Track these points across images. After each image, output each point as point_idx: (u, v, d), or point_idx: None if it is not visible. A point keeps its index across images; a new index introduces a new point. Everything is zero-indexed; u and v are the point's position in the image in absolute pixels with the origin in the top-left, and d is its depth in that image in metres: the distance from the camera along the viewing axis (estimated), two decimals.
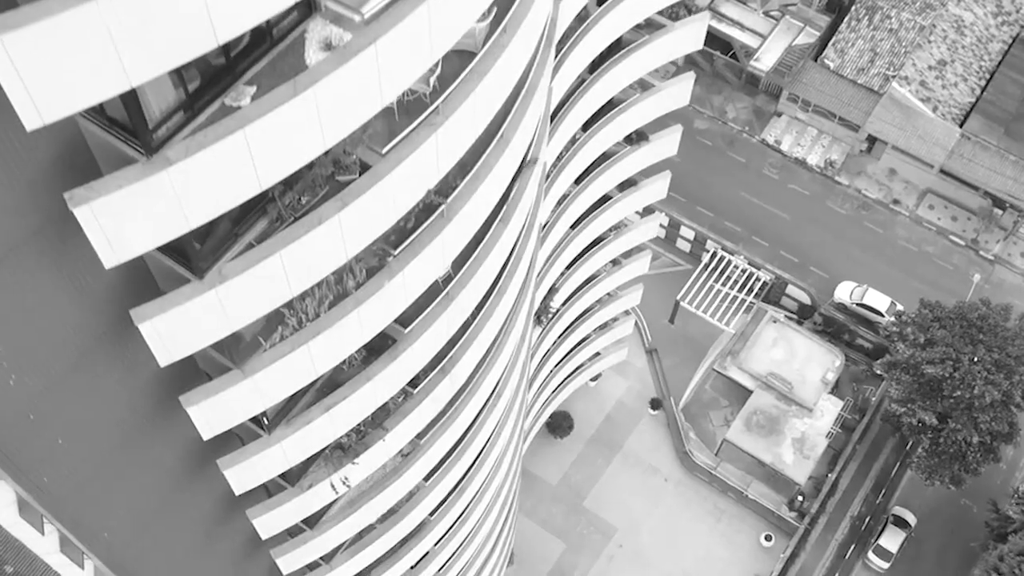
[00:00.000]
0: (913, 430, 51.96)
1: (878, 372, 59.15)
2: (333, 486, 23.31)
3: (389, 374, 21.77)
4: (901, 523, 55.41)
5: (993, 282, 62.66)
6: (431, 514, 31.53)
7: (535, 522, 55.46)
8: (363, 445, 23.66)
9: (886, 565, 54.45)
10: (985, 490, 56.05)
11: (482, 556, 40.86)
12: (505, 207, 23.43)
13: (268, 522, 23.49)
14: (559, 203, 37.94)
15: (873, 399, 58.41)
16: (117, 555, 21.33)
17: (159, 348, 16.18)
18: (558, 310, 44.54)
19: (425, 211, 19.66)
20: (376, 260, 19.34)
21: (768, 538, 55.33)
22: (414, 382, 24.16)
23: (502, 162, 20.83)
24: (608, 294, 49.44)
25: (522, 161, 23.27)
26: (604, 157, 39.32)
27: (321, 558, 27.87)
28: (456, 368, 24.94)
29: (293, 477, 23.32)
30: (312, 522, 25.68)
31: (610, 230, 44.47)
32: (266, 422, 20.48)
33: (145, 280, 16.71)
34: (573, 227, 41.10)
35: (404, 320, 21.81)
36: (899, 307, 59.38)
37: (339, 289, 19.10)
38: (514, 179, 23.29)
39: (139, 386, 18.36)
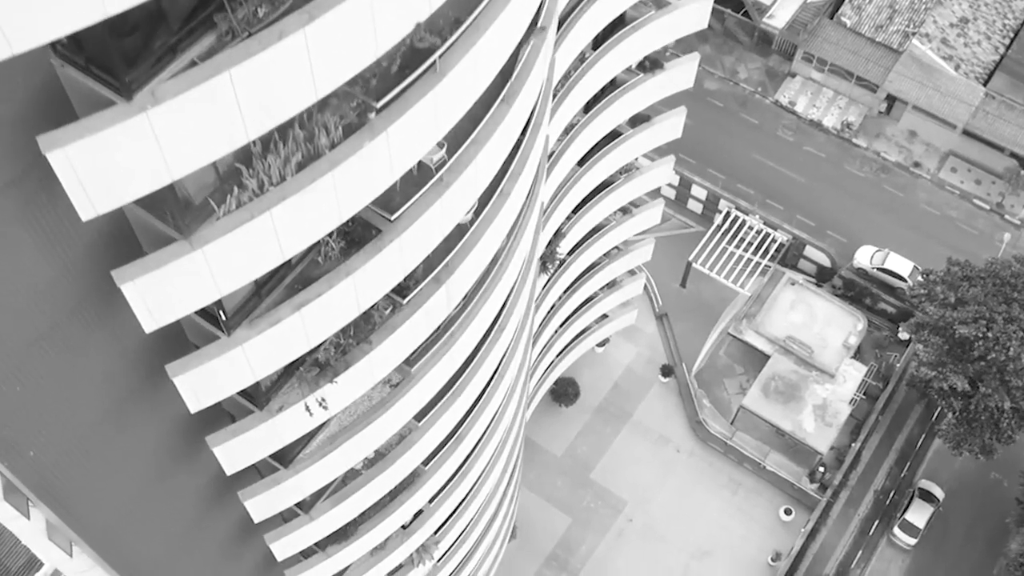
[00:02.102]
0: (942, 396, 48.57)
1: (902, 338, 55.89)
2: (308, 408, 19.92)
3: (372, 270, 18.41)
4: (928, 497, 52.06)
5: (1021, 247, 59.34)
6: (424, 463, 28.15)
7: (539, 495, 52.02)
8: (343, 363, 20.29)
9: (913, 541, 51.05)
10: (1016, 462, 52.71)
11: (482, 522, 37.46)
12: (509, 84, 20.09)
13: (233, 453, 20.10)
14: (566, 132, 34.70)
15: (898, 365, 55.04)
16: (48, 482, 17.95)
17: (77, 192, 12.83)
18: (565, 259, 41.30)
19: (413, 60, 16.30)
20: (355, 114, 15.98)
21: (788, 512, 51.90)
22: (403, 291, 20.82)
23: (506, 13, 17.47)
24: (617, 248, 46.15)
25: (529, 27, 19.93)
26: (614, 86, 36.09)
27: (298, 506, 24.49)
28: (452, 279, 21.60)
29: (261, 399, 19.97)
30: (286, 459, 22.30)
31: (620, 172, 41.22)
32: (223, 318, 17.10)
33: (61, 108, 13.35)
34: (581, 164, 37.89)
35: (390, 205, 18.49)
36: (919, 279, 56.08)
37: (310, 148, 15.75)
38: (519, 48, 19.95)
39: (66, 257, 15.00)
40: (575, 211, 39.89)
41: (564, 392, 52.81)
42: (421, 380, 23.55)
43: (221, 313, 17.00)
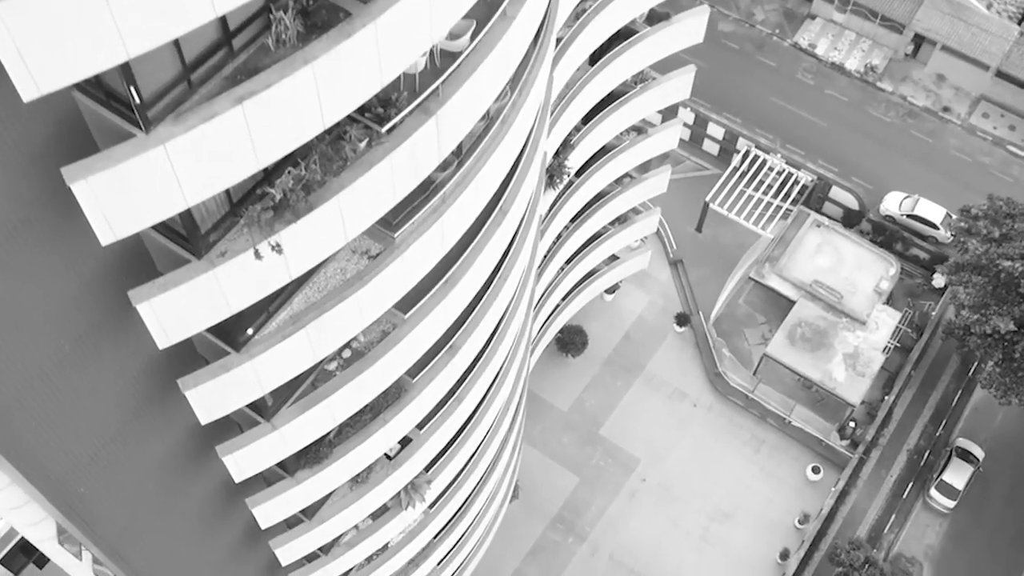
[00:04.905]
0: (983, 342, 44.28)
1: (937, 286, 51.72)
2: (258, 253, 15.62)
3: (338, 64, 14.16)
4: (966, 457, 47.79)
5: None
6: (411, 374, 23.89)
7: (543, 453, 47.66)
8: (305, 204, 16.02)
9: (952, 504, 46.75)
10: None
11: (480, 466, 33.19)
12: None
13: (164, 315, 15.78)
14: (576, 18, 30.51)
15: (933, 314, 50.78)
16: None
17: None
18: (573, 180, 37.18)
19: None
20: None
21: (816, 470, 47.55)
22: (382, 119, 16.54)
23: None
24: (630, 176, 41.98)
25: None
26: None
27: (255, 408, 20.21)
28: (443, 112, 17.34)
29: (200, 243, 15.69)
30: (237, 338, 18.00)
31: (635, 82, 37.06)
32: (137, 101, 12.82)
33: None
34: (592, 63, 33.77)
35: None
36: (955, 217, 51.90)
37: None
38: None
39: None
40: (584, 120, 35.81)
41: (571, 341, 48.48)
42: (406, 252, 19.28)
43: (134, 93, 12.73)
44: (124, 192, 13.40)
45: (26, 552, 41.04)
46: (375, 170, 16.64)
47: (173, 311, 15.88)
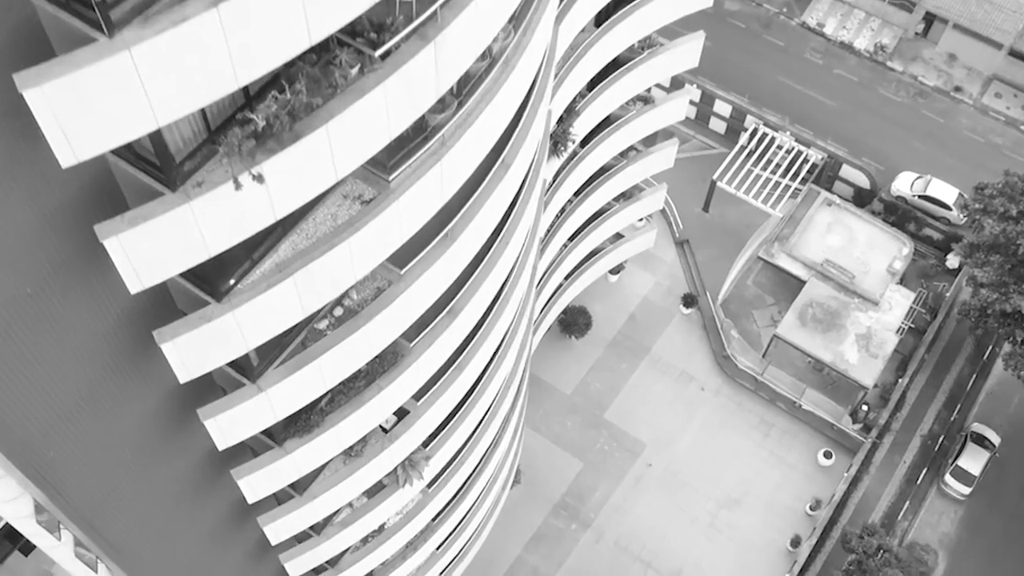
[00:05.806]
0: (1003, 322, 42.88)
1: (951, 267, 50.32)
2: (238, 183, 14.21)
3: None
4: (982, 442, 46.37)
5: None
6: (408, 338, 22.48)
7: (546, 437, 46.20)
8: (292, 134, 14.61)
9: (967, 490, 45.31)
10: None
11: (480, 446, 31.77)
12: None
13: (134, 252, 14.36)
14: None
15: (947, 295, 49.37)
16: None
17: None
18: (578, 151, 35.81)
19: None
20: None
21: (828, 455, 46.09)
22: (376, 44, 15.14)
23: None
24: (635, 148, 40.60)
25: None
26: None
27: (239, 368, 18.80)
28: (442, 39, 15.91)
29: (174, 172, 14.28)
30: (218, 286, 16.60)
31: (642, 47, 35.71)
32: (100, 0, 11.43)
33: None
34: (598, 24, 32.40)
35: None
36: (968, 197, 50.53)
37: None
38: None
39: None
40: (590, 86, 34.47)
41: (574, 322, 47.02)
42: (401, 198, 17.86)
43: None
44: (85, 105, 11.95)
45: (11, 539, 39.71)
46: (367, 99, 15.20)
47: (144, 249, 14.45)
